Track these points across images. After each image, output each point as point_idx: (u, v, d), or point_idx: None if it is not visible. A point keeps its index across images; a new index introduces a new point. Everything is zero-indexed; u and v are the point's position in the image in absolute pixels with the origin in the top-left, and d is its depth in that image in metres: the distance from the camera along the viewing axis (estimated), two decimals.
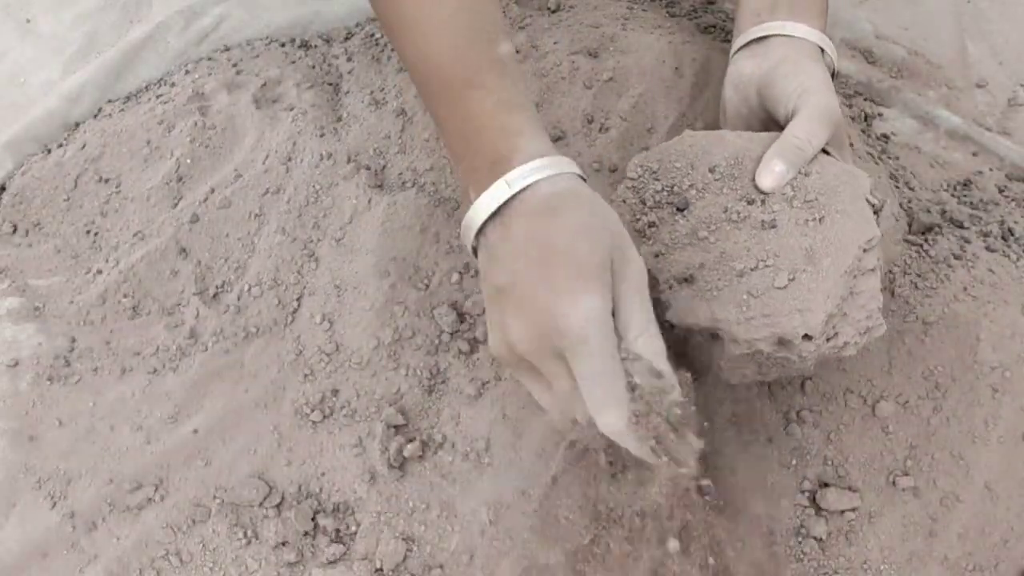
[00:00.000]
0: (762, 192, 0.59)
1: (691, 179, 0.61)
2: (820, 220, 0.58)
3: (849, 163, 0.64)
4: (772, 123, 0.67)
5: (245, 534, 0.65)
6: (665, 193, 0.62)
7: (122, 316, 0.75)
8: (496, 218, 0.55)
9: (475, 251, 0.58)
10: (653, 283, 0.59)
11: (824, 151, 0.62)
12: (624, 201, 0.62)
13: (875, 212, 0.59)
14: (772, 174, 0.59)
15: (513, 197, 0.54)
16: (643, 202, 0.62)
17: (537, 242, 0.53)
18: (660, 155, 0.63)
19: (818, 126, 0.61)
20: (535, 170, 0.54)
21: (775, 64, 0.66)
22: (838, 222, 0.57)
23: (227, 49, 0.93)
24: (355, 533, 0.65)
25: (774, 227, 0.58)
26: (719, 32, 0.90)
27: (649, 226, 0.61)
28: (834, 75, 0.70)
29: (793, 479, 0.67)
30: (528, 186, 0.54)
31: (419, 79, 0.61)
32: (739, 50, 0.70)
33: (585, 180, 0.57)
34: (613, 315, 0.52)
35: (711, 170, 0.61)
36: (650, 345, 0.52)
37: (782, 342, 0.57)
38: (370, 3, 0.64)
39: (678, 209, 0.61)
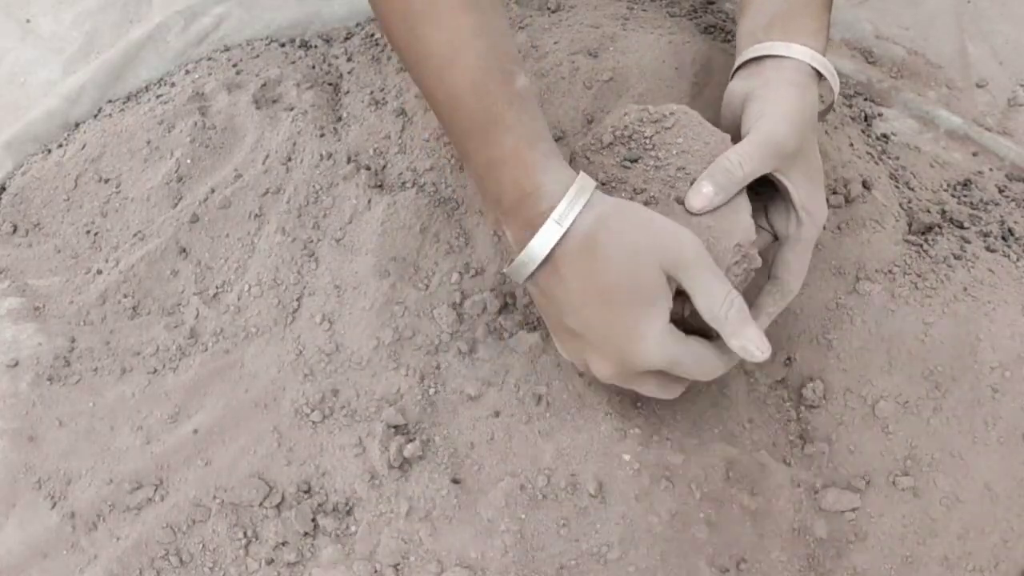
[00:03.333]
0: (690, 211, 0.60)
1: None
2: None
3: (820, 192, 0.65)
4: None
5: (245, 534, 0.65)
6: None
7: (122, 316, 0.75)
8: (545, 261, 0.58)
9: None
10: None
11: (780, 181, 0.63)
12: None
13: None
14: (699, 195, 0.60)
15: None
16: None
17: (594, 286, 0.57)
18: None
19: (755, 152, 0.60)
20: (570, 204, 0.57)
21: (755, 87, 0.65)
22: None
23: (227, 49, 0.93)
24: (355, 533, 0.65)
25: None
26: (719, 32, 0.90)
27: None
28: (832, 106, 0.70)
29: (793, 479, 0.67)
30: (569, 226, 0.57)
31: (439, 112, 0.63)
32: (735, 71, 0.69)
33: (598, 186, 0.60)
34: (687, 312, 0.58)
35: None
36: (739, 314, 0.56)
37: None
38: (385, 34, 0.64)
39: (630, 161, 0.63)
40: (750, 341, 0.56)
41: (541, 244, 0.57)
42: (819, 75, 0.66)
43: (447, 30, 0.60)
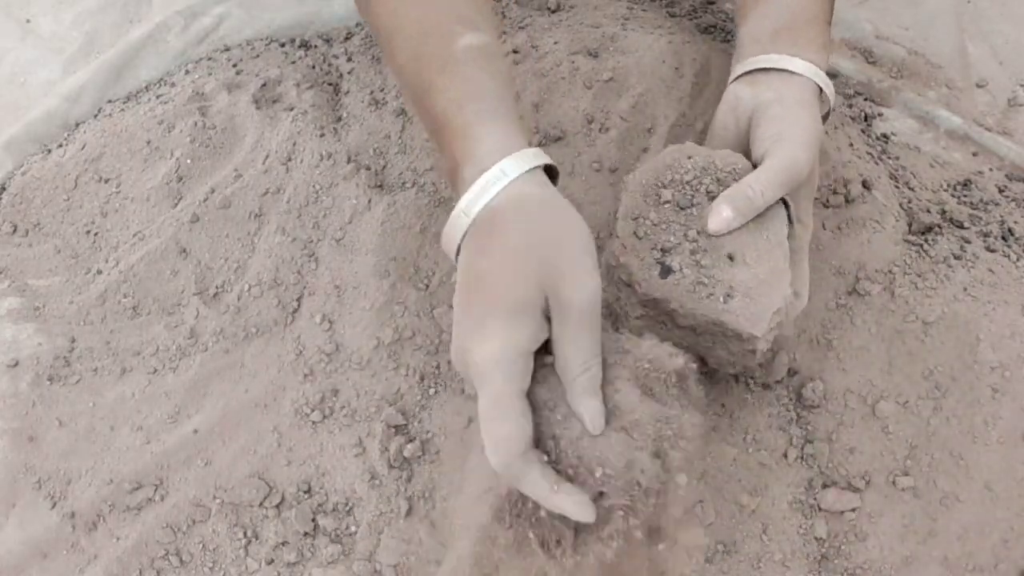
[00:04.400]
0: (708, 232, 0.60)
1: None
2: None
3: (810, 203, 0.65)
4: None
5: (245, 534, 0.65)
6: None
7: (122, 316, 0.75)
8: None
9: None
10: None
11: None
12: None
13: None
14: (719, 218, 0.60)
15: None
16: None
17: (471, 269, 0.52)
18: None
19: (775, 181, 0.61)
20: (484, 189, 0.53)
21: (768, 102, 0.65)
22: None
23: (227, 49, 0.93)
24: (355, 533, 0.65)
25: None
26: (719, 32, 0.90)
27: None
28: (827, 116, 0.70)
29: (793, 479, 0.67)
30: (486, 194, 0.53)
31: (399, 84, 0.62)
32: (739, 75, 0.69)
33: (550, 168, 0.56)
34: (549, 350, 0.51)
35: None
36: (591, 383, 0.50)
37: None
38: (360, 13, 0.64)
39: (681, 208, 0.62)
40: (587, 411, 0.50)
41: (448, 235, 0.54)
42: (821, 91, 0.67)
43: (391, 2, 0.59)
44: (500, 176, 0.53)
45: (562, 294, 0.50)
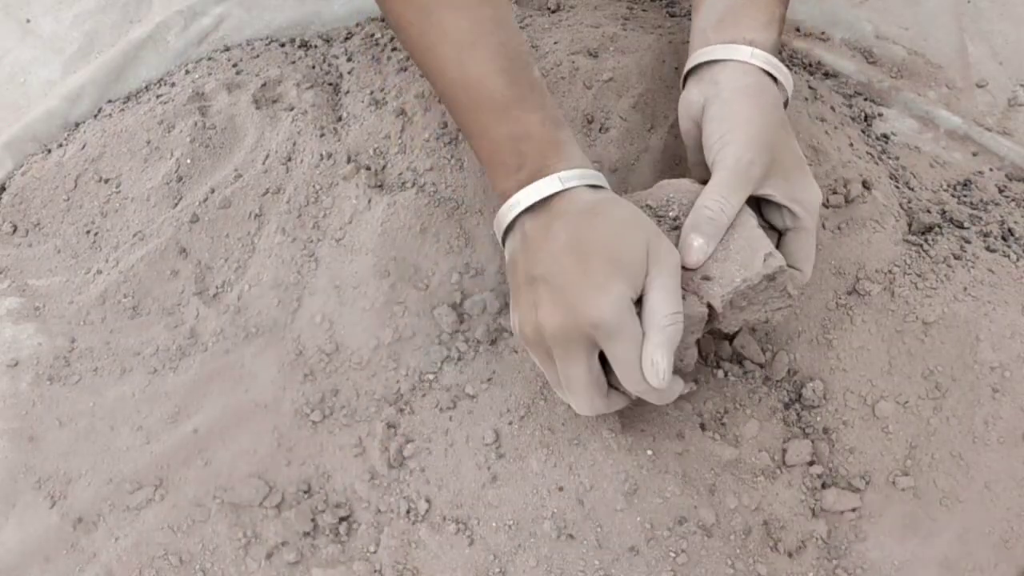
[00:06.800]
0: (687, 267, 0.61)
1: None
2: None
3: (806, 178, 0.64)
4: None
5: (245, 534, 0.65)
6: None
7: (122, 316, 0.75)
8: (537, 212, 0.60)
9: (503, 240, 0.63)
10: None
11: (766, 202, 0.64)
12: None
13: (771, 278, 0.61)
14: (691, 249, 0.60)
15: (557, 195, 0.60)
16: None
17: (581, 239, 0.58)
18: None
19: (729, 191, 0.60)
20: (583, 176, 0.60)
21: (710, 99, 0.64)
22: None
23: (227, 49, 0.93)
24: (355, 533, 0.65)
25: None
26: None
27: None
28: (787, 103, 0.68)
29: (793, 479, 0.67)
30: (575, 187, 0.60)
31: (452, 92, 0.64)
32: (687, 75, 0.68)
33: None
34: (642, 302, 0.57)
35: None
36: (671, 334, 0.57)
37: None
38: (388, 18, 0.67)
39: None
40: (662, 359, 0.56)
41: (537, 189, 0.60)
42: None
43: (467, 18, 0.63)
44: (595, 177, 0.61)
45: (661, 253, 0.57)
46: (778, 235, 0.67)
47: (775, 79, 0.66)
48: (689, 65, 0.68)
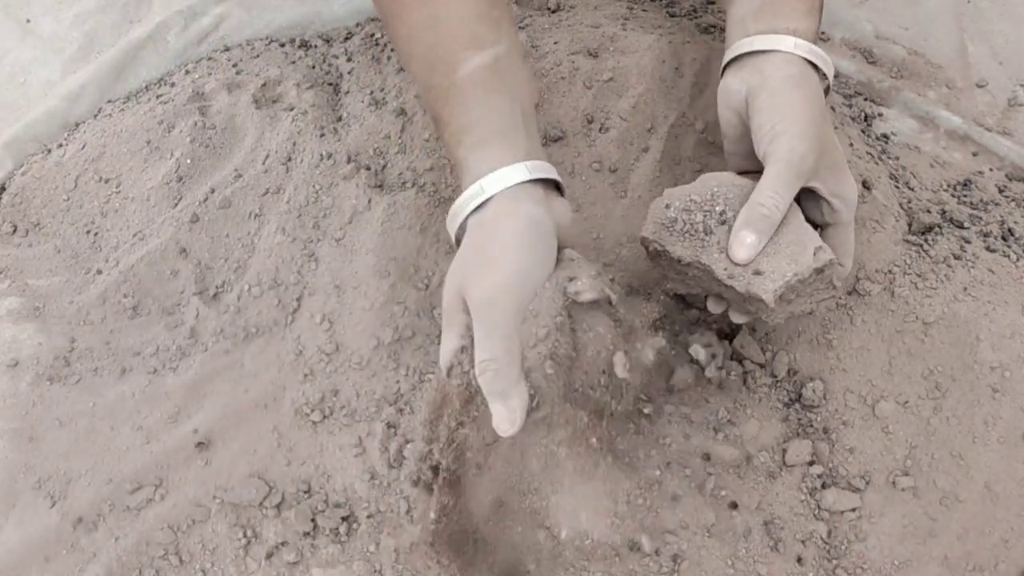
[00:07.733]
0: (736, 262, 0.60)
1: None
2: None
3: (844, 173, 0.64)
4: None
5: (245, 534, 0.65)
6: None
7: (122, 316, 0.75)
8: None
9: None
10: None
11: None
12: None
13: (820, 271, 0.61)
14: (743, 246, 0.59)
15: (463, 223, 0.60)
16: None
17: (474, 247, 0.58)
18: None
19: (783, 185, 0.60)
20: (470, 198, 0.59)
21: (756, 89, 0.63)
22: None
23: (227, 49, 0.93)
24: (355, 533, 0.65)
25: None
26: (719, 32, 0.90)
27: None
28: (827, 90, 0.67)
29: (793, 479, 0.67)
30: (466, 215, 0.59)
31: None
32: (726, 66, 0.67)
33: (560, 182, 0.61)
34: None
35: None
36: (496, 379, 0.54)
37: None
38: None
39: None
40: (504, 409, 0.54)
41: (453, 216, 0.61)
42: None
43: (405, 25, 0.62)
44: (479, 192, 0.58)
45: (472, 298, 0.56)
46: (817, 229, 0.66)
47: (816, 68, 0.65)
48: (729, 56, 0.66)
